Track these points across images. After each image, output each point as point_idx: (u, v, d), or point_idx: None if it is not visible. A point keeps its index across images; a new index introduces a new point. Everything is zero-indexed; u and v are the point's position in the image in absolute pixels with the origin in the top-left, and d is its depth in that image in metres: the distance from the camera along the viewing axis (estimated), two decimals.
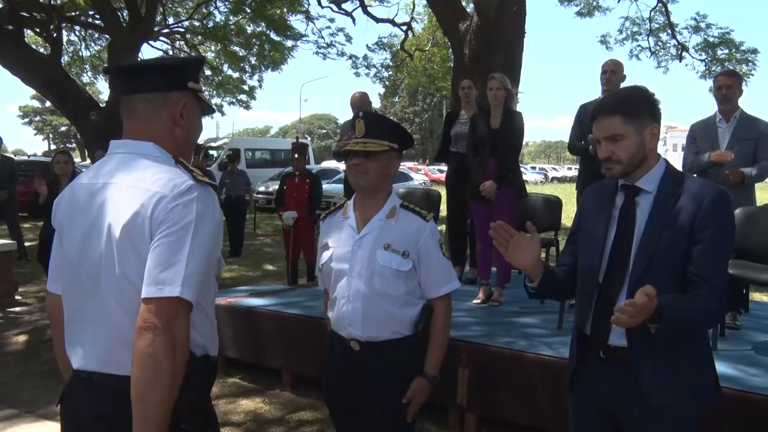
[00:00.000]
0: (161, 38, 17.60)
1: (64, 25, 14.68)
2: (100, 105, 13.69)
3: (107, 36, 14.85)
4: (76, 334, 1.63)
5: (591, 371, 2.05)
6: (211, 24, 17.04)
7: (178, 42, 18.94)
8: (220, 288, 6.60)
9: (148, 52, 17.69)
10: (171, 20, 17.31)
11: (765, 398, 3.08)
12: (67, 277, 1.62)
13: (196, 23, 17.24)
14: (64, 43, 16.25)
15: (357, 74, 19.42)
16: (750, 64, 15.90)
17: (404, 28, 17.52)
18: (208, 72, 19.81)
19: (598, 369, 2.03)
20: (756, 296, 6.27)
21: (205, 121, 1.81)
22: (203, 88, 1.72)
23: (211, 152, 20.16)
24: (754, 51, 15.89)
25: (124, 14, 14.06)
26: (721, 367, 3.46)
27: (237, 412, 4.27)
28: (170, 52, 19.65)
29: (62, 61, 14.85)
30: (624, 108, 1.93)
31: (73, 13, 14.90)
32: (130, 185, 1.51)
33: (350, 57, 18.39)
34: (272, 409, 4.32)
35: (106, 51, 15.45)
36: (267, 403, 4.40)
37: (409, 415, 2.35)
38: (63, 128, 57.19)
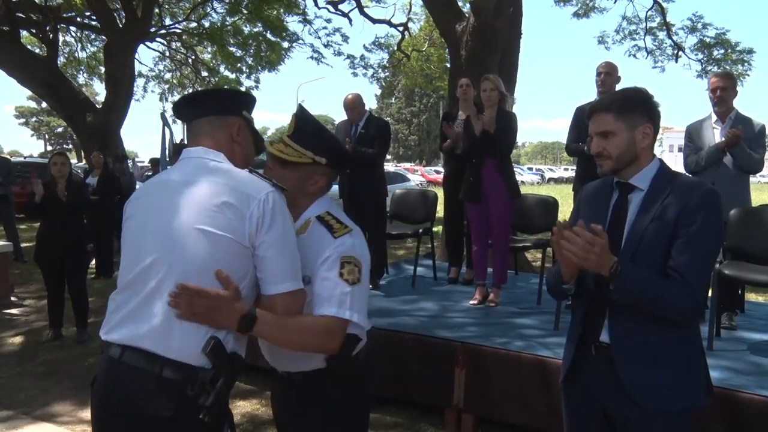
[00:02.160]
0: (158, 39, 17.58)
1: (60, 26, 14.66)
2: (96, 106, 13.67)
3: (103, 37, 14.84)
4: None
5: (584, 369, 2.07)
6: (207, 25, 17.01)
7: (174, 43, 18.92)
8: None
9: (145, 53, 17.73)
10: (167, 21, 17.28)
11: (760, 399, 3.09)
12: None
13: (193, 24, 17.21)
14: (60, 44, 16.22)
15: (354, 74, 19.45)
16: (746, 64, 15.95)
17: (401, 28, 17.53)
18: (204, 73, 19.80)
19: (590, 367, 2.05)
20: (751, 297, 6.29)
21: None
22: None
23: None
24: (750, 51, 15.94)
25: (121, 15, 14.04)
26: (717, 368, 3.49)
27: (234, 414, 4.26)
28: (166, 53, 19.64)
29: (58, 62, 14.81)
30: (617, 106, 1.98)
31: (69, 14, 14.88)
32: (219, 182, 1.72)
33: (348, 57, 18.39)
34: (269, 410, 4.31)
35: (102, 52, 15.43)
36: (264, 404, 4.40)
37: None
38: (59, 129, 57.10)
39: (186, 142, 1.93)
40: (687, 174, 2.07)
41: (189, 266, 1.64)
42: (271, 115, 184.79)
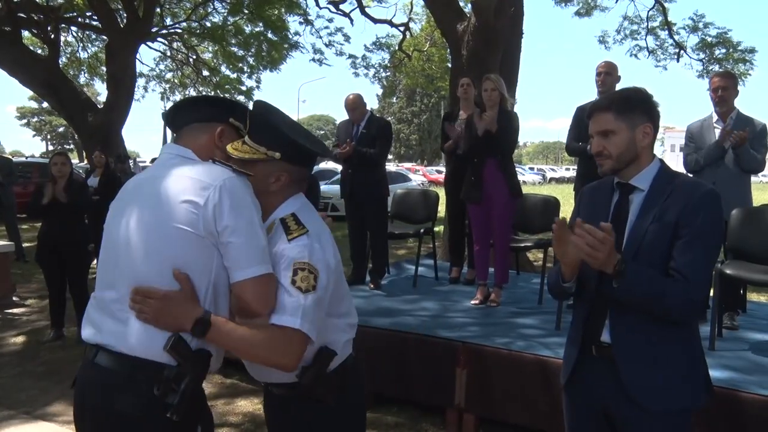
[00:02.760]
0: (159, 39, 17.58)
1: (61, 26, 14.67)
2: (98, 106, 13.68)
3: (105, 37, 14.84)
4: None
5: (584, 370, 2.07)
6: (209, 24, 17.01)
7: (175, 43, 18.92)
8: None
9: (146, 53, 17.75)
10: (169, 21, 17.28)
11: (762, 398, 3.09)
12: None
13: (194, 24, 17.21)
14: (62, 44, 16.23)
15: (356, 74, 19.42)
16: (747, 63, 15.93)
17: (402, 28, 17.53)
18: (205, 73, 19.81)
19: (591, 367, 2.05)
20: (753, 296, 6.29)
21: None
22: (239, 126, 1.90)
23: None
24: (752, 50, 15.91)
25: (122, 15, 14.04)
26: (719, 367, 3.49)
27: (235, 413, 4.27)
28: (168, 53, 19.65)
29: (60, 62, 14.82)
30: (617, 105, 1.97)
31: (71, 14, 14.88)
32: (179, 176, 1.71)
33: (350, 57, 18.40)
34: None
35: (103, 52, 15.43)
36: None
37: None
38: (61, 129, 57.17)
39: None
40: (687, 174, 2.06)
41: (144, 264, 1.64)
42: None
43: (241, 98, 20.52)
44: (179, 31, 17.65)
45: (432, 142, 59.70)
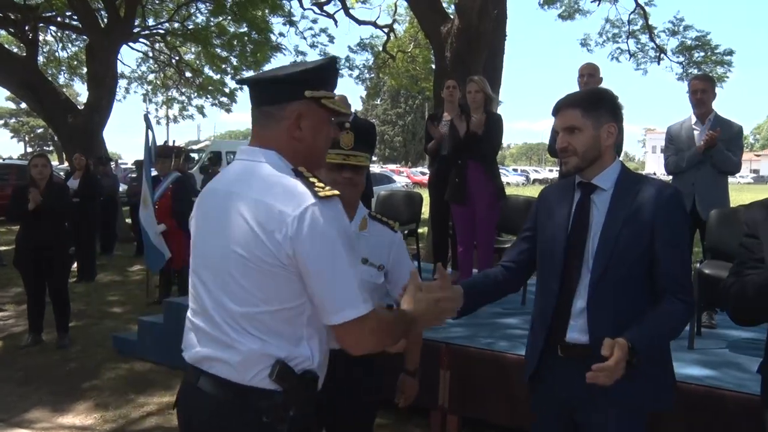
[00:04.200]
0: (141, 40, 17.42)
1: (39, 25, 14.48)
2: (78, 107, 13.53)
3: (85, 37, 14.69)
4: None
5: (550, 370, 2.07)
6: (191, 25, 16.90)
7: (158, 44, 18.78)
8: None
9: (128, 53, 17.58)
10: (151, 21, 17.14)
11: (739, 395, 3.12)
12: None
13: (177, 24, 17.08)
14: (40, 44, 16.04)
15: (340, 75, 19.39)
16: (725, 66, 16.16)
17: (386, 30, 17.54)
18: (188, 74, 19.68)
19: (557, 368, 2.05)
20: None
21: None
22: (324, 94, 1.63)
23: (192, 155, 20.02)
24: (730, 53, 16.16)
25: (103, 15, 13.90)
26: (698, 365, 3.54)
27: None
28: (150, 54, 19.49)
29: (38, 61, 14.64)
30: (584, 103, 2.00)
31: (50, 14, 14.71)
32: (254, 198, 1.53)
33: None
34: None
35: (83, 52, 15.27)
36: None
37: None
38: (40, 130, 56.44)
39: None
40: (649, 175, 2.12)
41: (232, 292, 1.54)
42: None
43: (224, 100, 20.46)
44: (162, 31, 17.51)
45: (416, 144, 59.78)
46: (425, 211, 6.28)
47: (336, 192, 1.53)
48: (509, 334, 4.19)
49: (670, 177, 4.93)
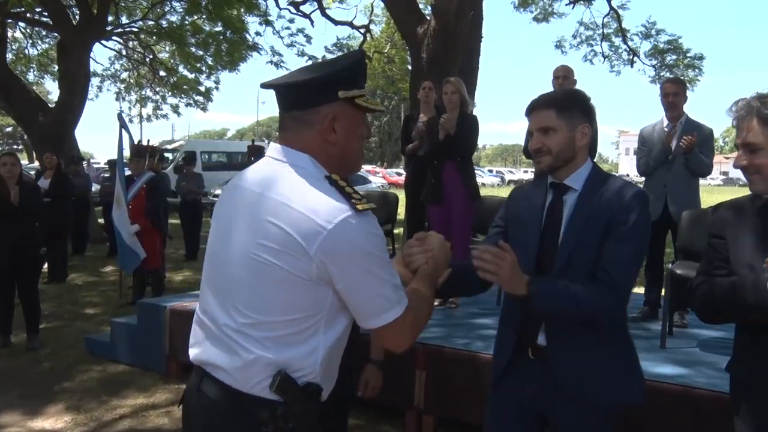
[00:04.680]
0: (114, 38, 17.17)
1: (8, 21, 14.21)
2: (49, 105, 13.29)
3: (56, 34, 14.44)
4: None
5: (517, 371, 2.08)
6: (166, 24, 16.71)
7: (131, 42, 18.53)
8: (174, 293, 6.45)
9: (101, 51, 17.32)
10: (124, 19, 16.91)
11: (710, 393, 3.18)
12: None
13: (151, 23, 16.88)
14: (9, 40, 15.74)
15: None
16: (696, 69, 16.48)
17: (363, 30, 17.54)
18: (162, 72, 19.46)
19: (524, 369, 2.06)
20: None
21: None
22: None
23: (166, 154, 19.81)
24: (701, 57, 16.48)
25: (75, 12, 13.68)
26: (670, 364, 3.60)
27: None
28: (123, 52, 19.25)
29: (7, 59, 14.35)
30: (558, 104, 2.00)
31: (19, 9, 14.43)
32: (283, 203, 1.46)
33: (311, 58, 18.30)
34: None
35: (54, 49, 15.01)
36: None
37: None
38: (9, 129, 55.35)
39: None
40: (618, 175, 2.13)
41: (251, 297, 1.49)
42: (232, 116, 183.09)
43: (200, 99, 20.29)
44: (135, 29, 17.29)
45: (392, 145, 59.84)
46: (401, 211, 6.29)
47: (372, 205, 1.48)
48: (484, 335, 4.22)
49: (643, 178, 5.00)
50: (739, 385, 1.90)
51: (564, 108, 1.99)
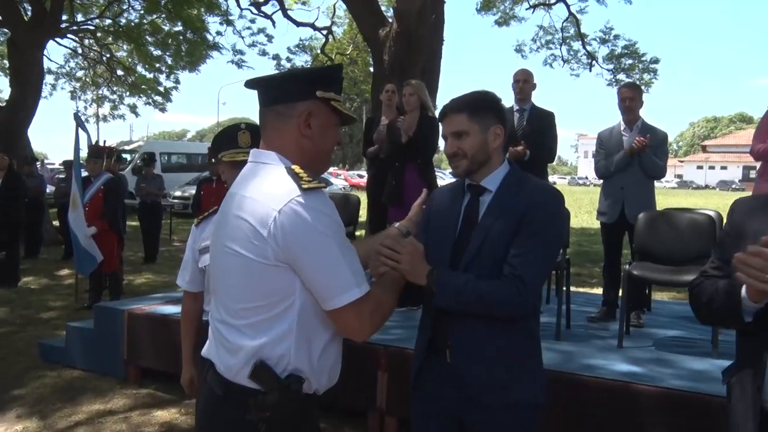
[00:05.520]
0: (69, 35, 16.74)
1: None
2: (0, 104, 12.90)
3: (6, 30, 14.02)
4: None
5: (433, 372, 2.08)
6: (123, 22, 16.37)
7: (87, 40, 18.10)
8: (133, 296, 6.33)
9: (55, 49, 16.83)
10: (80, 17, 16.51)
11: (661, 390, 3.26)
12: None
13: (108, 21, 16.51)
14: None
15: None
16: (651, 73, 16.92)
17: (325, 32, 17.49)
18: (120, 71, 19.07)
19: (439, 370, 2.06)
20: (657, 296, 6.64)
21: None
22: (333, 96, 1.67)
23: (124, 155, 19.41)
24: (656, 61, 16.94)
25: (26, 8, 13.30)
26: (626, 363, 3.67)
27: (151, 424, 4.12)
28: (79, 50, 18.80)
29: None
30: (470, 107, 2.02)
31: None
32: (246, 196, 1.58)
33: (274, 57, 18.18)
34: (188, 419, 4.20)
35: (5, 46, 14.56)
36: (183, 413, 4.28)
37: None
38: None
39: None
40: (535, 177, 2.13)
41: (228, 289, 1.62)
42: (192, 117, 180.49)
43: (158, 99, 19.94)
44: (91, 28, 16.89)
45: (354, 146, 59.77)
46: (363, 213, 6.29)
47: (321, 184, 1.56)
48: None
49: (601, 181, 5.10)
50: (732, 389, 1.82)
51: (475, 111, 2.00)
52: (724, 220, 2.00)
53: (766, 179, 4.34)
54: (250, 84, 1.71)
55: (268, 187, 1.55)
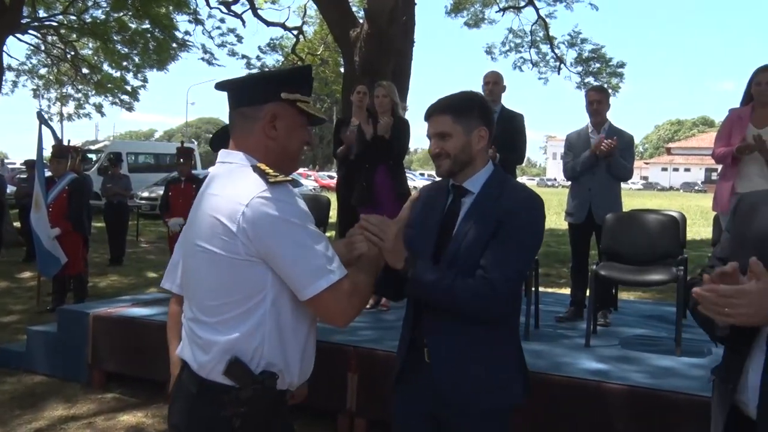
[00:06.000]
0: (30, 32, 16.31)
1: None
2: None
3: None
4: None
5: (414, 371, 2.08)
6: (89, 19, 16.04)
7: (50, 36, 17.69)
8: (98, 299, 6.21)
9: (15, 46, 16.41)
10: (42, 13, 16.13)
11: (628, 388, 3.31)
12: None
13: (73, 17, 16.16)
14: None
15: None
16: (618, 77, 17.21)
17: (295, 32, 17.39)
18: (86, 69, 18.69)
19: (419, 369, 2.06)
20: (624, 295, 6.74)
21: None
22: (299, 97, 1.68)
23: (89, 155, 19.03)
24: (622, 65, 17.24)
25: None
26: (593, 361, 3.72)
27: (117, 429, 4.05)
28: (41, 47, 18.37)
29: None
30: (454, 109, 2.02)
31: None
32: (214, 194, 1.62)
33: (244, 57, 17.99)
34: (156, 422, 4.14)
35: None
36: (150, 416, 4.21)
37: None
38: None
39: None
40: (517, 180, 2.14)
41: (200, 286, 1.64)
42: (160, 117, 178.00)
43: (125, 98, 19.60)
44: (55, 24, 16.50)
45: (324, 148, 59.56)
46: (333, 214, 6.27)
47: (287, 178, 1.59)
48: None
49: (570, 182, 5.16)
50: (714, 387, 1.83)
51: (460, 113, 2.01)
52: (688, 221, 2.01)
53: (725, 180, 4.43)
54: (220, 86, 1.74)
55: (235, 185, 1.58)
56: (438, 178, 2.17)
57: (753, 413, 1.58)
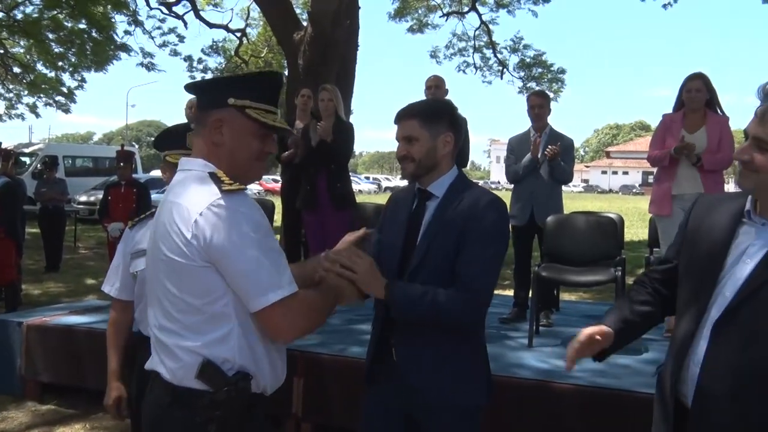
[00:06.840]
0: None
1: None
2: None
3: None
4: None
5: (383, 373, 2.12)
6: (20, 16, 15.41)
7: None
8: (32, 307, 5.96)
9: None
10: None
11: (572, 387, 3.39)
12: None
13: (1, 14, 15.49)
14: None
15: (192, 78, 18.66)
16: (559, 83, 17.67)
17: (239, 34, 17.17)
18: (17, 69, 17.96)
19: (387, 369, 2.09)
20: (565, 296, 6.91)
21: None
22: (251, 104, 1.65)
23: (22, 158, 18.29)
24: (563, 71, 17.71)
25: None
26: (536, 361, 3.79)
27: None
28: None
29: None
30: (422, 114, 2.08)
31: None
32: (174, 202, 1.61)
33: (186, 58, 17.62)
34: None
35: None
36: (89, 428, 4.07)
37: None
38: None
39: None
40: (480, 184, 2.21)
41: (163, 294, 1.62)
42: (98, 119, 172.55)
43: (61, 99, 18.93)
44: None
45: None
46: (278, 218, 6.21)
47: (242, 186, 1.59)
48: (362, 340, 4.23)
49: (512, 185, 5.26)
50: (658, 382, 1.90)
51: (427, 118, 2.06)
52: (626, 223, 2.10)
53: (660, 183, 4.59)
54: (187, 88, 1.79)
55: (191, 192, 1.59)
56: (383, 182, 2.19)
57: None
